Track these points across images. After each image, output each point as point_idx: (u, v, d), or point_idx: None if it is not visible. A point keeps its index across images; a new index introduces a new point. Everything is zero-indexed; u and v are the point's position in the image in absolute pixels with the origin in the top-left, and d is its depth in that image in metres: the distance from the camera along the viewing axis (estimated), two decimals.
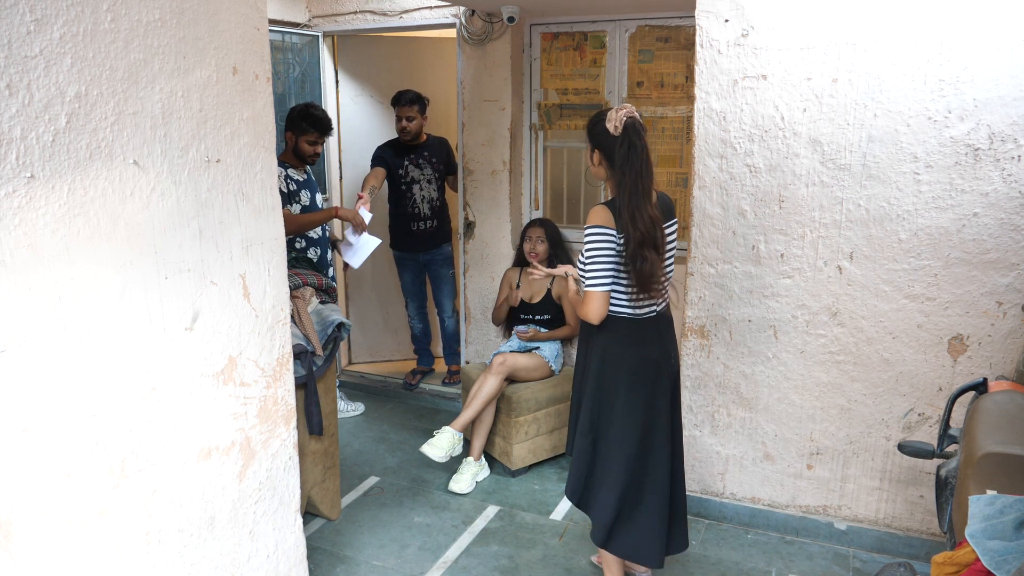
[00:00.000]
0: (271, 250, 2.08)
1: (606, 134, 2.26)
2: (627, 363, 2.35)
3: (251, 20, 1.92)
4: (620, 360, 2.35)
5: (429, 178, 4.35)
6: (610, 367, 2.36)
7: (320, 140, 3.64)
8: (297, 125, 3.60)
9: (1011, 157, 2.52)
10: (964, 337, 2.70)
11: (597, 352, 2.39)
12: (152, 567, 1.82)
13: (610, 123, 2.24)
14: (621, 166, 2.23)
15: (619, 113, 2.23)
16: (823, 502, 3.05)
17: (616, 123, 2.22)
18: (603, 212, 2.27)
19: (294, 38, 4.34)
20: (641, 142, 2.24)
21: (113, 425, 1.68)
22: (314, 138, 3.61)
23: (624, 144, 2.22)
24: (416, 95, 4.19)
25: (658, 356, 2.38)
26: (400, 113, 4.19)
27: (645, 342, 2.37)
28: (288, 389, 2.20)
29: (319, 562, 2.91)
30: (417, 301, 4.57)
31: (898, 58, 2.60)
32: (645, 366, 2.36)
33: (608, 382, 2.37)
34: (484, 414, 3.55)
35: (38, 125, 1.46)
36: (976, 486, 1.59)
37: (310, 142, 3.62)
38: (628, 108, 2.25)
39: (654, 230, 2.25)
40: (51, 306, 1.53)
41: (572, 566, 2.93)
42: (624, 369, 2.35)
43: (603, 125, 2.27)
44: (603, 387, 2.38)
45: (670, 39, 3.77)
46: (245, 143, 1.95)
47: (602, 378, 2.38)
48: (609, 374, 2.36)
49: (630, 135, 2.22)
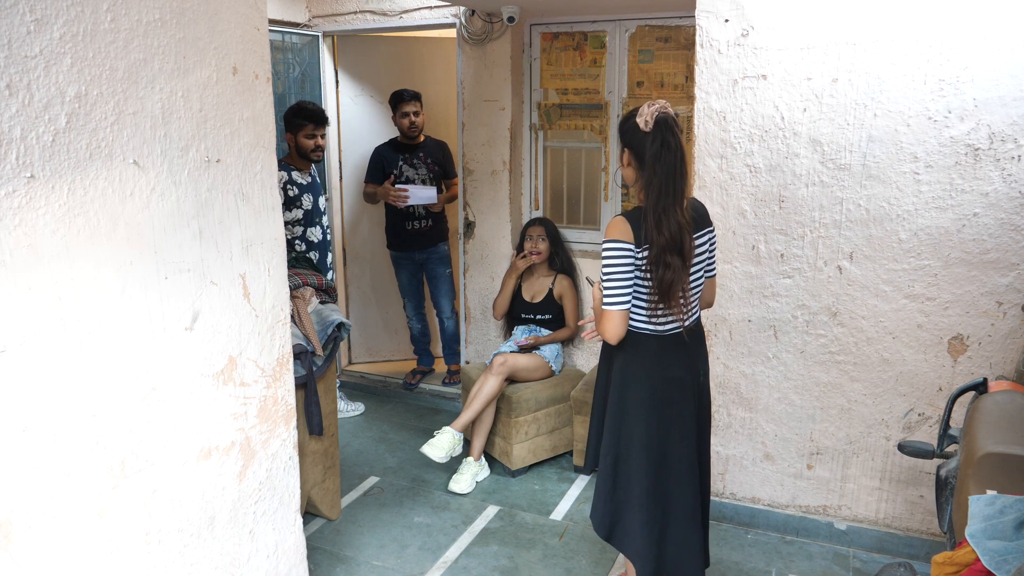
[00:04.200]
0: (271, 250, 2.08)
1: (636, 131, 2.09)
2: (648, 383, 2.18)
3: (251, 20, 1.92)
4: (640, 379, 2.19)
5: (424, 178, 4.35)
6: (631, 387, 2.20)
7: (317, 131, 3.65)
8: (292, 123, 3.64)
9: (1011, 157, 2.52)
10: (964, 337, 2.70)
11: (617, 370, 2.23)
12: (152, 567, 1.81)
13: (640, 118, 2.07)
14: (651, 164, 2.06)
15: (651, 108, 2.07)
16: (823, 502, 3.05)
17: (647, 118, 2.06)
18: (621, 225, 2.09)
19: (294, 38, 4.34)
20: (675, 139, 2.08)
21: (113, 425, 1.68)
22: (311, 130, 3.62)
23: (656, 141, 2.06)
24: (415, 91, 4.23)
25: (683, 374, 2.21)
26: (406, 109, 4.20)
27: (668, 360, 2.19)
28: (288, 389, 2.19)
29: (319, 562, 2.91)
30: (415, 301, 4.57)
31: (898, 58, 2.60)
32: (668, 386, 2.19)
33: (628, 402, 2.20)
34: (484, 414, 3.55)
35: (38, 125, 1.46)
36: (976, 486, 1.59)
37: (308, 135, 3.63)
38: (661, 103, 2.09)
39: (681, 236, 2.08)
40: (51, 306, 1.53)
41: (572, 566, 2.93)
42: (645, 389, 2.18)
43: (633, 121, 2.11)
44: (623, 407, 2.22)
45: (670, 39, 3.77)
46: (245, 143, 1.95)
47: (622, 398, 2.21)
48: (629, 394, 2.20)
49: (662, 131, 2.06)
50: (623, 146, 2.18)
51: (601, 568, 2.92)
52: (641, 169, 2.12)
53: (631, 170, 2.18)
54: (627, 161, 2.18)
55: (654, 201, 2.07)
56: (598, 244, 4.14)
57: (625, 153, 2.18)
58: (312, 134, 3.63)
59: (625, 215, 2.13)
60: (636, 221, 2.10)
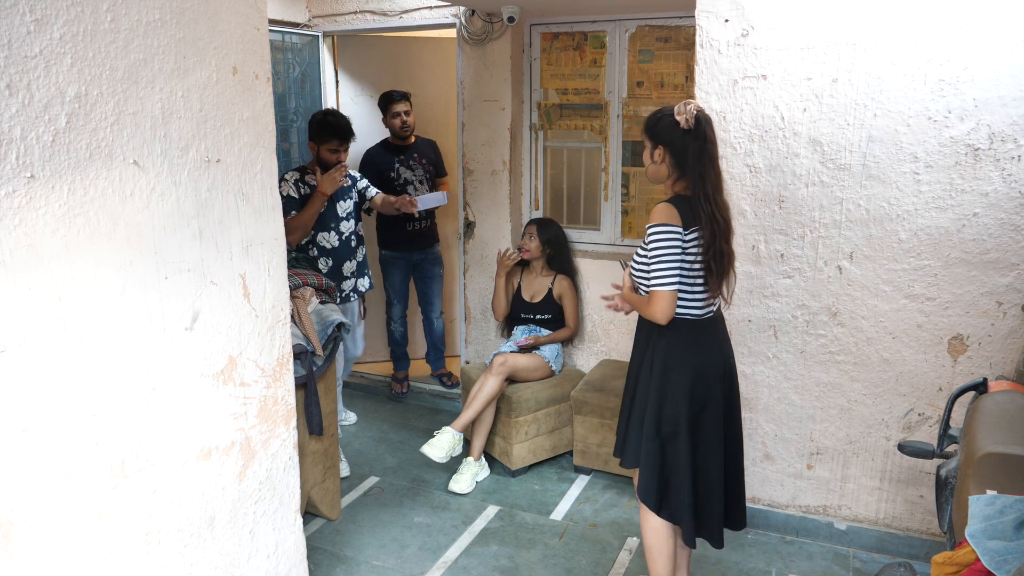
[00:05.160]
0: (271, 250, 2.08)
1: (674, 129, 2.20)
2: (692, 367, 2.29)
3: (251, 20, 1.92)
4: (684, 363, 2.29)
5: (421, 179, 4.35)
6: (674, 371, 2.30)
7: (341, 148, 3.52)
8: (317, 134, 3.51)
9: (1011, 157, 2.52)
10: (964, 337, 2.70)
11: (660, 355, 2.32)
12: (152, 567, 1.82)
13: (680, 116, 2.18)
14: (698, 160, 2.19)
15: (688, 107, 2.18)
16: (823, 502, 3.05)
17: (687, 116, 2.16)
18: (668, 209, 2.20)
19: (294, 38, 4.34)
20: (713, 134, 2.22)
21: (113, 425, 1.68)
22: (335, 146, 3.50)
23: (699, 138, 2.18)
24: (404, 91, 4.21)
25: (718, 356, 2.34)
26: (397, 109, 4.18)
27: (707, 343, 2.32)
28: (288, 389, 2.20)
29: (319, 562, 2.91)
30: (403, 304, 4.52)
31: (898, 58, 2.60)
32: (708, 369, 2.31)
33: (672, 386, 2.30)
34: (484, 414, 3.55)
35: (38, 125, 1.46)
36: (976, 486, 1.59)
37: (331, 150, 3.51)
38: (695, 102, 2.21)
39: (729, 224, 2.26)
40: (51, 306, 1.53)
41: (572, 566, 2.93)
42: (688, 374, 2.29)
43: (670, 119, 2.21)
44: (664, 391, 2.31)
45: (670, 39, 3.77)
46: (245, 143, 1.95)
47: (665, 382, 2.31)
48: (672, 378, 2.30)
49: (703, 128, 2.19)
50: (655, 143, 2.27)
51: (601, 568, 2.92)
52: (679, 165, 2.24)
53: (664, 166, 2.27)
54: (660, 158, 2.27)
55: (708, 193, 2.20)
56: (598, 244, 4.14)
57: (658, 150, 2.26)
58: (336, 149, 3.51)
59: (670, 201, 2.24)
60: (681, 207, 2.21)
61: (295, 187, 3.49)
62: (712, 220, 2.20)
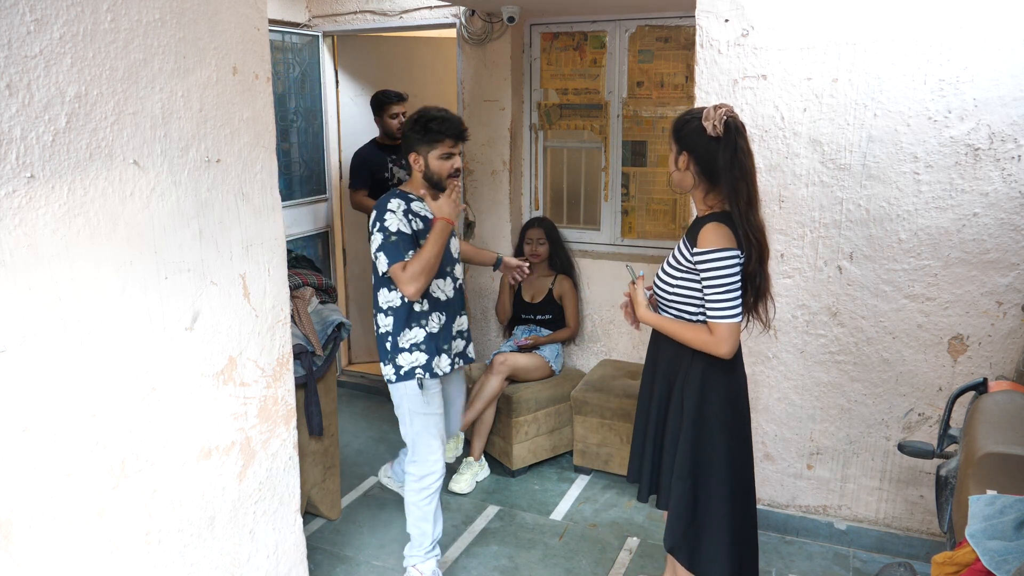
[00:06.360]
0: (271, 250, 2.08)
1: (701, 135, 1.98)
2: (727, 394, 2.12)
3: (251, 20, 1.92)
4: (720, 390, 2.11)
5: None
6: (711, 401, 2.10)
7: (456, 149, 2.64)
8: (421, 140, 2.59)
9: (1011, 157, 2.52)
10: (964, 337, 2.70)
11: (694, 384, 2.10)
12: (152, 567, 1.81)
13: (707, 122, 1.96)
14: (730, 171, 1.97)
15: (718, 112, 1.96)
16: (823, 502, 3.05)
17: (715, 122, 1.95)
18: (725, 232, 1.99)
19: (294, 38, 4.34)
20: (746, 144, 2.00)
21: (113, 425, 1.68)
22: (448, 148, 2.61)
23: (729, 147, 1.96)
24: (399, 92, 4.20)
25: (744, 380, 2.19)
26: (395, 111, 4.19)
27: (739, 368, 2.15)
28: (288, 389, 2.20)
29: (319, 562, 2.91)
30: None
31: (898, 58, 2.60)
32: (740, 395, 2.15)
33: (707, 419, 2.11)
34: (484, 414, 3.55)
35: (38, 125, 1.46)
36: (976, 486, 1.59)
37: (445, 156, 2.61)
38: (728, 106, 1.99)
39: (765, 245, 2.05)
40: (51, 306, 1.53)
41: (572, 566, 2.93)
42: (725, 399, 2.11)
43: (697, 124, 1.99)
44: (701, 425, 2.11)
45: (670, 39, 3.77)
46: (245, 143, 1.95)
47: (700, 416, 2.11)
48: (708, 410, 2.11)
49: (734, 136, 1.96)
50: (680, 148, 2.06)
51: (601, 568, 2.92)
52: (706, 176, 2.03)
53: (689, 175, 2.07)
54: (684, 165, 2.06)
55: (744, 208, 1.99)
56: (598, 244, 4.14)
57: (683, 156, 2.06)
58: (450, 154, 2.63)
59: (720, 221, 2.02)
60: (731, 226, 2.01)
61: (404, 219, 2.55)
62: (755, 238, 2.00)
